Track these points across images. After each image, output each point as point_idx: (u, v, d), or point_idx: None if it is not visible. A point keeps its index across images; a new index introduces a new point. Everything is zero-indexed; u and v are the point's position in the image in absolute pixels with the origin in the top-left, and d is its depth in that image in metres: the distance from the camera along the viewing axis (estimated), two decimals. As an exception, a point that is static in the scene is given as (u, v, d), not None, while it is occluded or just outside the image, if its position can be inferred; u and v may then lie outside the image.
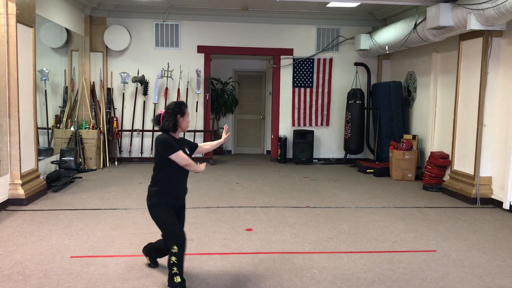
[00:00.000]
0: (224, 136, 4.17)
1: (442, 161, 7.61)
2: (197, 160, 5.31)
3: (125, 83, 9.77)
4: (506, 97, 6.36)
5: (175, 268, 3.51)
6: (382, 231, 5.24)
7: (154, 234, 4.91)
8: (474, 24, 6.18)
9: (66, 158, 8.10)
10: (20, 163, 6.07)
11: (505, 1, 5.44)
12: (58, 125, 8.90)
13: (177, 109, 3.66)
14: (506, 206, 6.26)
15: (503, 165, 6.39)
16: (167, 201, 3.74)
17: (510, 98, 6.23)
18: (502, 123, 6.46)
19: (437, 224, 5.59)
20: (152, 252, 4.04)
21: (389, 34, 8.74)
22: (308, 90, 10.56)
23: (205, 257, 4.29)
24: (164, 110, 3.70)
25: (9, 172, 6.04)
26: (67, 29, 8.77)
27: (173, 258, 3.51)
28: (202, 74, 10.01)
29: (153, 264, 4.05)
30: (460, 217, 5.95)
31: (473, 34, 6.67)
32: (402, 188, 7.79)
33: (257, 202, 6.57)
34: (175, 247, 3.51)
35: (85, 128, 9.13)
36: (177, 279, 3.51)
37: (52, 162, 7.79)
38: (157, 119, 3.72)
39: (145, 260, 4.14)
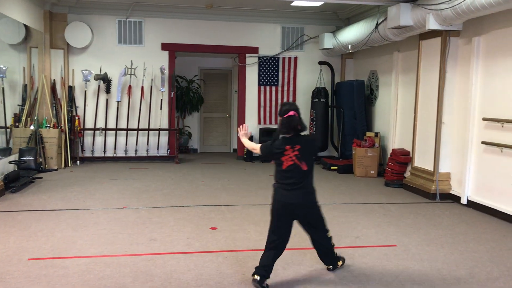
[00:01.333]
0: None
1: (403, 158, 7.79)
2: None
3: (87, 80, 9.56)
4: (464, 95, 6.57)
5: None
6: (344, 227, 5.33)
7: (116, 234, 4.86)
8: (432, 24, 6.36)
9: (25, 158, 7.86)
10: (-25, 164, 5.87)
11: (461, 2, 5.61)
12: (17, 124, 8.63)
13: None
14: (463, 201, 6.47)
15: (461, 161, 6.60)
16: None
17: (467, 96, 6.43)
18: (460, 121, 6.67)
19: (398, 219, 5.72)
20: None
21: (352, 34, 8.88)
22: (273, 88, 10.62)
23: (168, 257, 4.25)
24: (294, 112, 3.67)
25: (-37, 172, 5.82)
26: (25, 25, 8.51)
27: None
28: (166, 71, 9.91)
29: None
30: (420, 212, 6.11)
31: (432, 33, 6.85)
32: (365, 184, 7.94)
33: (222, 200, 6.56)
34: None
35: (46, 127, 8.89)
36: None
37: (11, 162, 7.55)
38: (298, 121, 3.66)
39: (106, 260, 4.08)
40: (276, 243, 3.69)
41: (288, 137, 3.71)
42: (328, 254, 3.94)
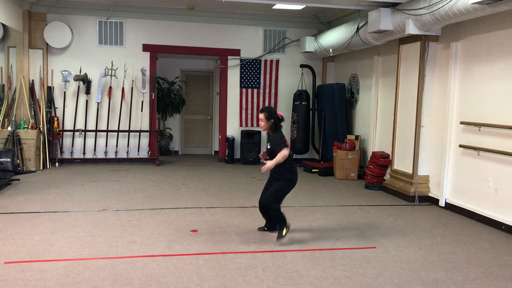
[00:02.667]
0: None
1: (383, 160, 7.88)
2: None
3: (67, 81, 9.44)
4: (442, 99, 6.68)
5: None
6: (325, 229, 5.36)
7: (95, 237, 4.81)
8: (412, 29, 6.45)
9: (2, 160, 7.72)
10: (-50, 165, 5.74)
11: (440, 8, 5.71)
12: (-7, 124, 8.48)
13: None
14: (442, 203, 6.57)
15: (439, 164, 6.71)
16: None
17: (445, 100, 6.54)
18: (438, 124, 6.78)
19: (378, 221, 5.78)
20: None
21: (333, 37, 8.95)
22: (255, 90, 10.63)
23: (147, 259, 4.22)
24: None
25: None
26: (3, 24, 8.36)
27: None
28: (147, 73, 9.85)
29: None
30: (400, 214, 6.18)
31: (412, 38, 6.95)
32: (345, 187, 8.00)
33: (203, 202, 6.54)
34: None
35: (24, 128, 8.74)
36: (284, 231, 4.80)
37: (-13, 164, 7.41)
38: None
39: (84, 263, 4.03)
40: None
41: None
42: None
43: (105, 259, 4.20)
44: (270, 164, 4.72)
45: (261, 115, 4.84)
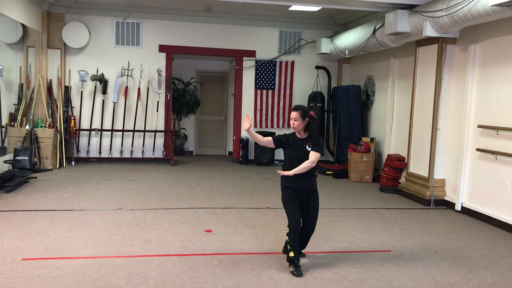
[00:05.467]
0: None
1: (399, 163, 7.82)
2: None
3: (84, 81, 9.54)
4: (459, 102, 6.61)
5: (289, 246, 4.07)
6: (339, 232, 5.33)
7: (111, 235, 4.85)
8: (429, 31, 6.40)
9: (20, 158, 7.83)
10: (-30, 162, 5.84)
11: (458, 10, 5.66)
12: (12, 123, 8.61)
13: None
14: (458, 207, 6.50)
15: (456, 167, 6.64)
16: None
17: (463, 103, 6.47)
18: (455, 127, 6.71)
19: (393, 225, 5.74)
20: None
21: (349, 39, 8.92)
22: (270, 92, 10.63)
23: (162, 259, 4.24)
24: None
25: (-42, 171, 5.79)
26: (23, 25, 8.49)
27: (286, 238, 4.15)
28: (163, 73, 9.91)
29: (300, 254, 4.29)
30: (415, 218, 6.13)
31: (429, 40, 6.89)
32: (360, 189, 7.96)
33: (217, 203, 6.56)
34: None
35: (41, 126, 8.86)
36: (291, 254, 4.03)
37: (5, 162, 7.52)
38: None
39: (100, 261, 4.07)
40: None
41: None
42: None
43: (120, 257, 4.24)
44: (305, 165, 4.05)
45: (295, 114, 4.10)
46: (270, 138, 4.30)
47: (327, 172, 9.22)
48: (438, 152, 6.90)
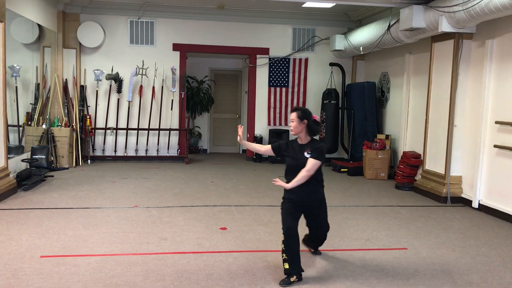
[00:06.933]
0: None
1: (414, 160, 7.75)
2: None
3: (99, 80, 9.63)
4: (476, 98, 6.52)
5: (284, 255, 3.76)
6: (354, 229, 5.31)
7: (127, 233, 4.89)
8: (445, 26, 6.32)
9: (37, 156, 7.93)
10: (-12, 161, 5.93)
11: (475, 4, 5.57)
12: (29, 122, 8.72)
13: None
14: (475, 204, 6.42)
15: (473, 164, 6.55)
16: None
17: (480, 99, 6.38)
18: (472, 124, 6.62)
19: (409, 222, 5.69)
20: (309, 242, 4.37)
21: (364, 35, 8.85)
22: (284, 89, 10.61)
23: (178, 256, 4.26)
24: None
25: (-23, 170, 5.89)
26: (39, 25, 8.59)
27: (282, 246, 3.79)
28: (177, 72, 9.95)
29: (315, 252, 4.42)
30: (431, 215, 6.07)
31: (445, 36, 6.81)
32: (375, 187, 7.91)
33: (232, 201, 6.57)
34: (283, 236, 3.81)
35: (57, 125, 8.96)
36: (285, 265, 3.73)
37: (23, 160, 7.62)
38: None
39: (117, 259, 4.11)
40: None
41: None
42: None
43: (136, 255, 4.27)
44: (301, 175, 3.78)
45: (293, 115, 3.88)
46: (269, 146, 4.11)
47: (342, 170, 9.17)
48: (454, 148, 6.82)
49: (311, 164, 3.78)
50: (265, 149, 4.15)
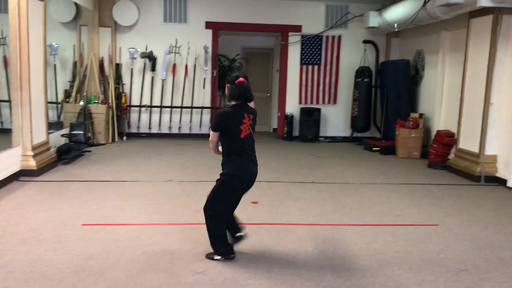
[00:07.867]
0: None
1: (448, 139, 7.65)
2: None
3: (134, 58, 9.81)
4: (514, 75, 6.36)
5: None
6: (386, 206, 5.33)
7: (162, 205, 5.06)
8: (484, 1, 6.16)
9: (75, 132, 8.21)
10: (31, 135, 6.19)
11: (515, -22, 5.40)
12: (67, 99, 9.00)
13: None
14: (510, 184, 6.32)
15: (509, 143, 6.43)
16: None
17: (518, 76, 6.23)
18: (509, 102, 6.47)
19: (441, 200, 5.67)
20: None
21: (398, 12, 8.69)
22: (316, 67, 10.56)
23: (212, 227, 4.40)
24: (244, 79, 3.70)
25: (21, 143, 6.16)
26: (76, 4, 8.79)
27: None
28: (209, 50, 10.02)
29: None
30: (464, 194, 6.02)
31: (483, 11, 6.63)
32: (407, 165, 7.86)
33: (263, 177, 6.63)
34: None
35: (94, 103, 9.22)
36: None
37: (62, 136, 7.91)
38: (248, 88, 3.69)
39: (154, 228, 4.29)
40: (227, 216, 3.72)
41: (241, 105, 3.59)
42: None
43: (173, 225, 4.44)
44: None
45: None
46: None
47: (374, 149, 9.13)
48: (490, 127, 6.69)
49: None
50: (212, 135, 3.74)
